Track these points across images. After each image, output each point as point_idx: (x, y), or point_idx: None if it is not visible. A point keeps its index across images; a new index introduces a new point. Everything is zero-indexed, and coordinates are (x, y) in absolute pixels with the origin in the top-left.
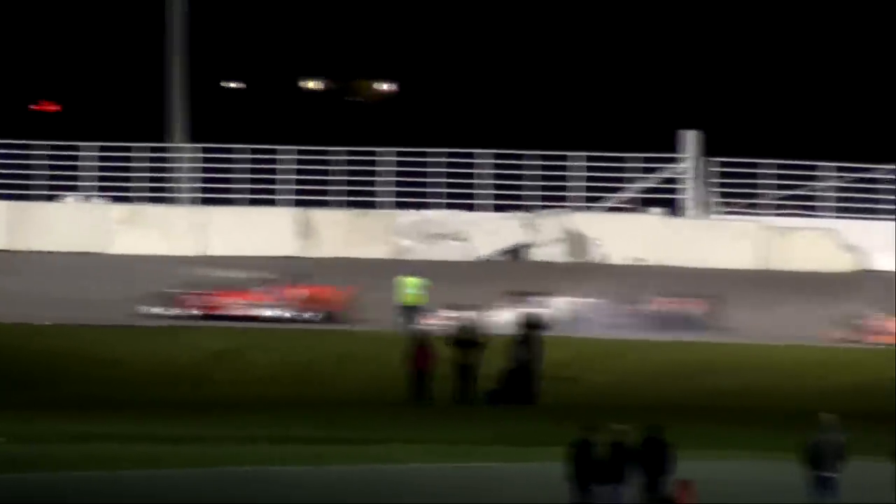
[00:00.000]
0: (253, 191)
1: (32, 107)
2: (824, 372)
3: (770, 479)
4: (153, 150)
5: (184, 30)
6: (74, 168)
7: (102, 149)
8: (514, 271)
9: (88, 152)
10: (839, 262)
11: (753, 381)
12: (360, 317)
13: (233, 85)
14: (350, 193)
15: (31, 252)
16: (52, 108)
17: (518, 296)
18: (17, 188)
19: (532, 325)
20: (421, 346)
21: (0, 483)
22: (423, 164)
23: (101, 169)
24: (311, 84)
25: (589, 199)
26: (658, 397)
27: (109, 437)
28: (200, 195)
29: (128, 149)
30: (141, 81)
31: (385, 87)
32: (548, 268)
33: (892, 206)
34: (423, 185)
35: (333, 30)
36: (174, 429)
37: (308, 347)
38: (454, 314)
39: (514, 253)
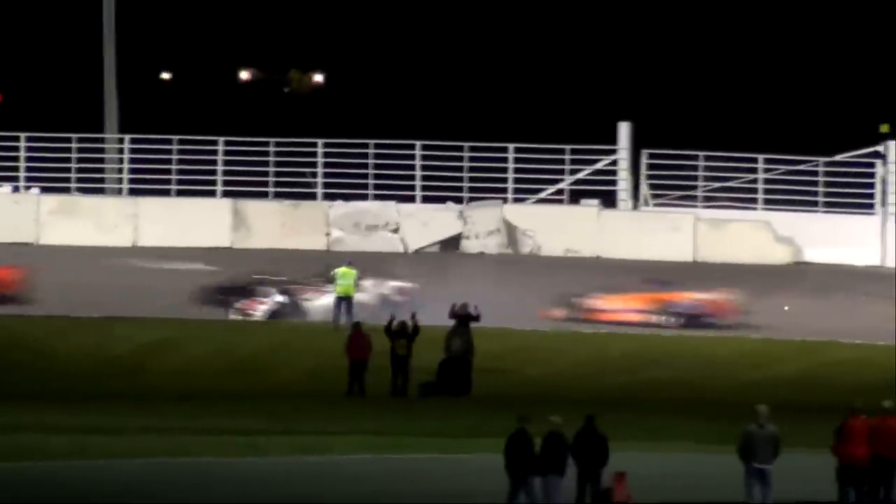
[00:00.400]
0: (185, 182)
1: None
2: (757, 362)
3: (706, 471)
4: (85, 140)
5: (115, 20)
6: (6, 159)
7: (34, 139)
8: (446, 262)
9: (21, 143)
10: (774, 254)
11: (687, 374)
12: (36, 298)
13: (166, 75)
14: (283, 185)
15: None
16: None
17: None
18: None
19: (462, 317)
20: (356, 336)
21: None
22: (357, 156)
23: (33, 159)
24: (245, 74)
25: (522, 191)
26: (591, 390)
27: (38, 428)
28: (132, 185)
29: (60, 139)
30: (77, 72)
31: (317, 77)
32: (481, 259)
33: (826, 199)
34: (356, 175)
35: (267, 20)
36: (107, 419)
37: (244, 339)
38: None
39: (447, 244)
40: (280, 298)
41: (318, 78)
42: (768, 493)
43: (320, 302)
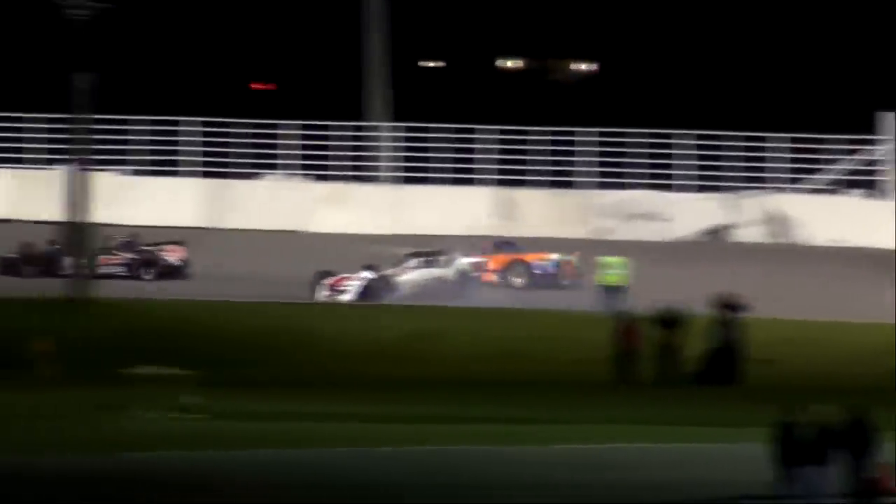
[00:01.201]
0: (452, 170)
1: (253, 85)
2: None
3: None
4: (353, 129)
5: (383, 9)
6: (275, 147)
7: (304, 127)
8: (714, 252)
9: (290, 130)
10: None
11: None
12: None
13: (432, 64)
14: (550, 173)
15: (230, 230)
16: (268, 87)
17: (416, 256)
18: (217, 166)
19: (730, 307)
20: (627, 325)
21: (204, 460)
22: (624, 145)
23: (303, 147)
24: (510, 63)
25: (789, 181)
26: (859, 380)
27: (310, 416)
28: (400, 174)
29: (328, 127)
30: (343, 61)
31: (584, 66)
32: (748, 249)
33: None
34: (624, 165)
35: (533, 8)
36: (373, 407)
37: (508, 327)
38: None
39: (715, 234)
40: (369, 275)
41: (584, 66)
42: None
43: (409, 277)
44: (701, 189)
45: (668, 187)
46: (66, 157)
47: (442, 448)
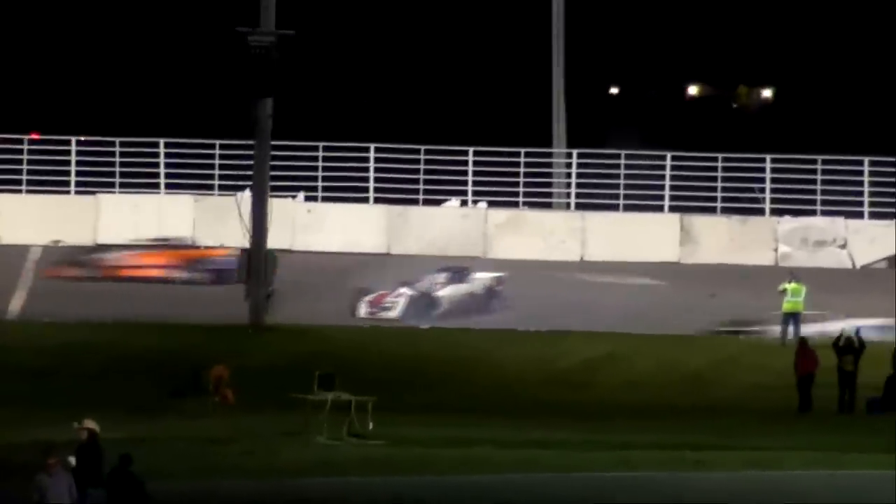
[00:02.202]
0: (632, 196)
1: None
2: None
3: None
4: (532, 154)
5: (564, 35)
6: (458, 173)
7: (481, 153)
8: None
9: (468, 157)
10: None
11: None
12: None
13: (614, 90)
14: (730, 199)
15: (410, 256)
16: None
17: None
18: (396, 192)
19: None
20: (804, 351)
21: (381, 485)
22: (805, 171)
23: (481, 173)
24: (695, 90)
25: None
26: None
27: (485, 441)
28: (579, 200)
29: (509, 153)
30: (526, 86)
31: (765, 92)
32: None
33: None
34: (804, 191)
35: (716, 35)
36: (552, 433)
37: (689, 354)
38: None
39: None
40: (409, 291)
41: (767, 93)
42: None
43: (445, 293)
44: (876, 216)
45: (846, 213)
46: (248, 182)
47: (631, 474)
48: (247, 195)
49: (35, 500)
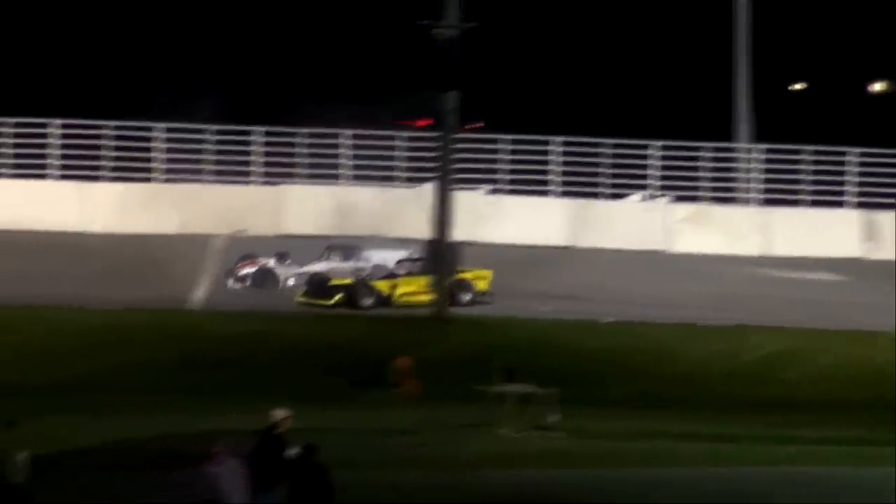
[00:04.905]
0: (817, 192)
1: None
2: None
3: None
4: (718, 150)
5: (750, 33)
6: (637, 167)
7: (666, 147)
8: None
9: (653, 151)
10: None
11: None
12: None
13: (798, 86)
14: None
15: (593, 249)
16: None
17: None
18: (581, 185)
19: None
20: None
21: (560, 478)
22: None
23: (665, 167)
24: (878, 86)
25: None
26: None
27: (668, 435)
28: (764, 195)
29: (693, 148)
30: (712, 80)
31: None
32: None
33: None
34: None
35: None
36: (735, 427)
37: (870, 349)
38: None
39: None
40: (260, 265)
41: None
42: None
43: (285, 270)
44: None
45: None
46: (432, 174)
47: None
48: (433, 186)
49: (204, 494)
